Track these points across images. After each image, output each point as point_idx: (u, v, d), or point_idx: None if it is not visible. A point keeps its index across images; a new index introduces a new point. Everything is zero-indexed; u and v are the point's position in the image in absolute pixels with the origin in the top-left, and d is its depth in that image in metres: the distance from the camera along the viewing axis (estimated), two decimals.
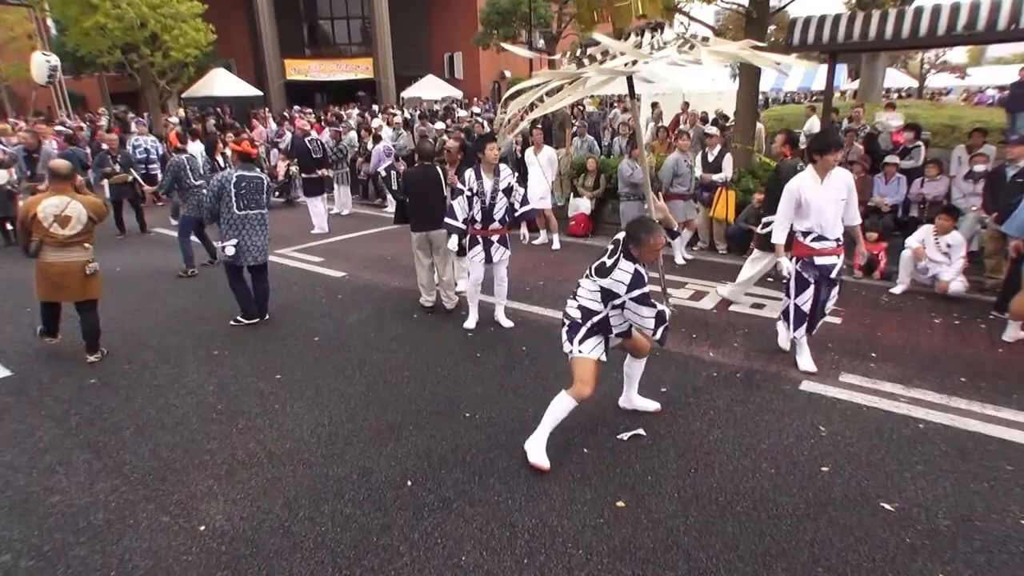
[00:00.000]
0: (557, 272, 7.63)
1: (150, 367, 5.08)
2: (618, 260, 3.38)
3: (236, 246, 5.65)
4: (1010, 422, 4.04)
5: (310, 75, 32.18)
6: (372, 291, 7.05)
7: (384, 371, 4.98)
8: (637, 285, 3.33)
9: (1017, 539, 2.99)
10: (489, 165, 5.46)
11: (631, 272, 3.34)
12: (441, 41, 34.05)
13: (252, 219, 5.72)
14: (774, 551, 2.90)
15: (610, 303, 3.46)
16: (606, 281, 3.39)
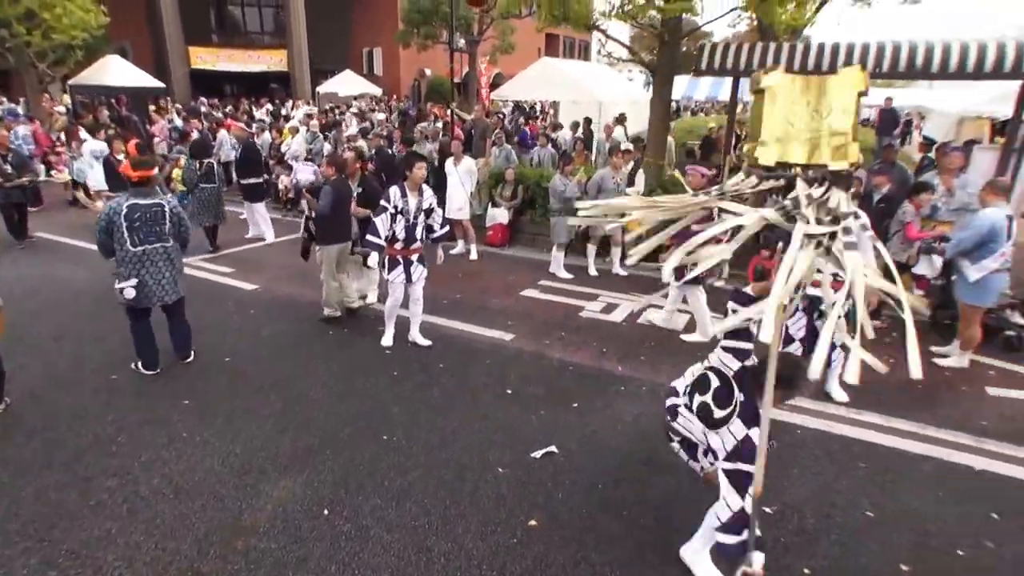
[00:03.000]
0: (475, 284, 7.70)
1: (37, 396, 4.68)
2: (731, 417, 2.76)
3: (136, 287, 4.85)
4: (871, 424, 4.56)
5: (219, 65, 30.13)
6: (287, 305, 6.84)
7: (301, 392, 4.89)
8: (742, 459, 2.73)
9: (865, 530, 3.46)
10: (415, 184, 5.44)
11: (741, 440, 2.72)
12: (360, 36, 33.12)
13: (153, 255, 4.90)
14: (673, 558, 3.17)
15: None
16: (711, 435, 2.86)
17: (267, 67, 30.93)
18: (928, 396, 5.05)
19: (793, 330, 4.95)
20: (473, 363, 5.49)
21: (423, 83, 32.60)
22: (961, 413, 4.78)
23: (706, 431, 2.86)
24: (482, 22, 21.59)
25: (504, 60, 26.28)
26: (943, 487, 3.86)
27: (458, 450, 4.13)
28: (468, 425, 4.45)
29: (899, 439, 4.39)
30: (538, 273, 8.15)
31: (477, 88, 16.58)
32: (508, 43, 23.91)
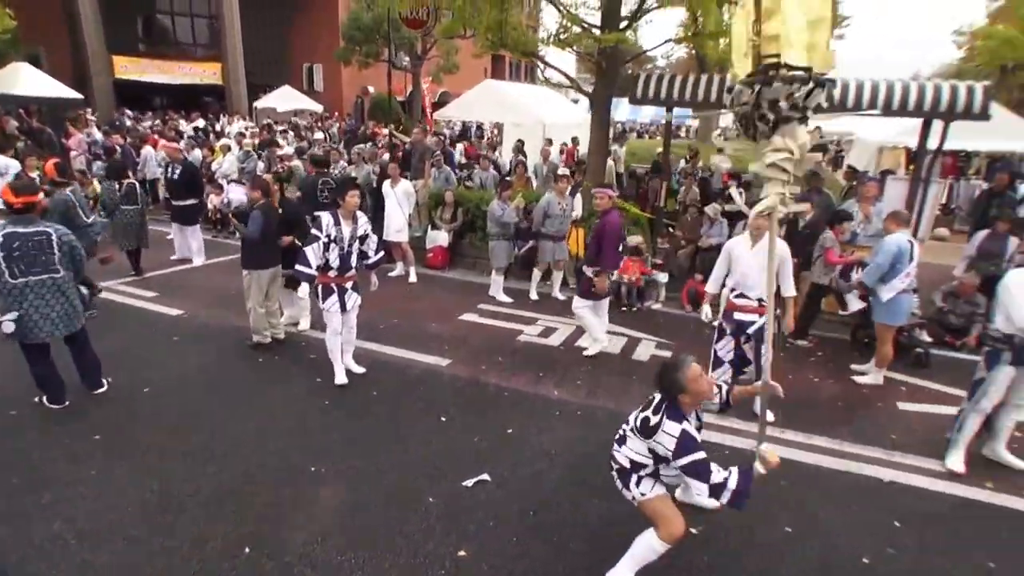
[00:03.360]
0: (412, 307, 7.62)
1: None
2: (662, 420, 2.92)
3: (17, 320, 4.44)
4: (794, 442, 4.78)
5: (146, 75, 28.49)
6: (214, 331, 6.55)
7: (226, 423, 4.70)
8: (687, 450, 2.85)
9: (783, 545, 3.63)
10: (348, 211, 5.33)
11: (676, 436, 2.86)
12: (300, 51, 32.58)
13: (38, 286, 4.49)
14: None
15: (661, 463, 3.07)
16: (652, 443, 2.98)
17: (200, 79, 29.74)
18: (846, 413, 5.35)
19: (722, 353, 5.17)
20: (408, 390, 5.43)
21: (366, 100, 32.34)
22: (875, 428, 5.07)
23: (649, 444, 3.01)
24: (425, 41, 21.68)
25: (451, 79, 26.41)
26: (855, 500, 4.08)
27: (388, 481, 4.06)
28: (400, 455, 4.39)
29: (818, 455, 4.61)
30: (478, 296, 8.17)
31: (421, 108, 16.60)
32: (452, 63, 24.09)
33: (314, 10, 31.20)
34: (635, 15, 8.85)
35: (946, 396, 5.61)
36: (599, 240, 6.15)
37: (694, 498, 3.71)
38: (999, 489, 4.26)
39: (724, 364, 5.19)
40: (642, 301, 8.04)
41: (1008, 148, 12.25)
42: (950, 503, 4.11)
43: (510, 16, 8.56)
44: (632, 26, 9.12)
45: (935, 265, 8.83)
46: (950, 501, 4.13)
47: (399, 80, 23.91)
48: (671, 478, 3.15)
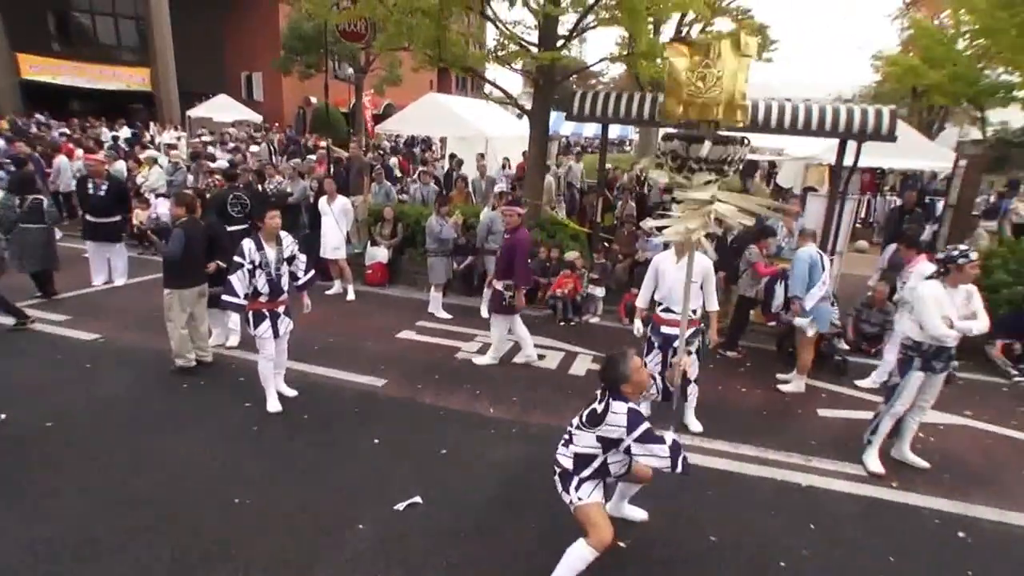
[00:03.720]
0: (349, 326, 7.48)
1: None
2: (608, 404, 3.16)
3: None
4: (721, 452, 4.95)
5: (60, 77, 26.29)
6: (133, 356, 6.18)
7: (142, 456, 4.42)
8: (637, 423, 3.10)
9: (707, 554, 3.76)
10: (271, 234, 5.19)
11: (625, 412, 3.11)
12: (238, 59, 31.48)
13: None
14: None
15: (612, 450, 3.22)
16: (603, 429, 3.15)
17: (127, 85, 27.90)
18: (771, 421, 5.59)
19: (651, 366, 5.31)
20: (341, 413, 5.31)
21: (308, 112, 31.75)
22: (796, 435, 5.32)
23: (599, 432, 3.18)
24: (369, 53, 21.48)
25: (397, 91, 26.13)
26: (775, 506, 4.27)
27: (318, 509, 3.95)
28: (330, 480, 4.30)
29: (743, 464, 4.79)
30: (417, 313, 8.11)
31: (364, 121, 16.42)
32: (396, 75, 23.88)
33: (253, 17, 30.33)
34: (572, 34, 9.02)
35: (863, 402, 5.94)
36: (510, 257, 6.28)
37: (623, 510, 3.95)
38: (902, 487, 4.56)
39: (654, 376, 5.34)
40: (580, 315, 8.18)
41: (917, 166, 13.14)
42: (860, 503, 4.37)
43: (448, 32, 8.58)
44: (567, 45, 9.30)
45: (855, 276, 9.36)
46: (860, 502, 4.38)
47: (343, 91, 23.58)
48: (617, 464, 3.31)
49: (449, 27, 8.73)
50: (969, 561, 3.78)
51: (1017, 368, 6.79)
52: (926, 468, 4.79)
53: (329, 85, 13.28)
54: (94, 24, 29.11)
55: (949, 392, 5.12)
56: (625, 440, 3.10)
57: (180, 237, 5.62)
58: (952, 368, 4.71)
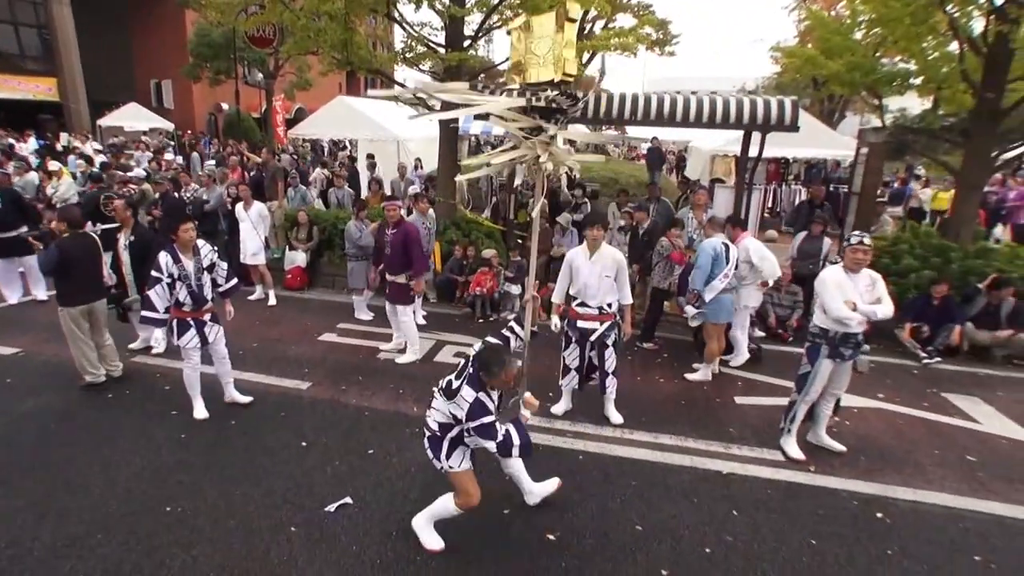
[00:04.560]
0: (272, 331, 7.38)
1: None
2: (462, 385, 3.29)
3: None
4: (641, 443, 5.00)
5: None
6: (55, 370, 6.00)
7: (67, 471, 4.33)
8: (477, 415, 3.25)
9: (633, 543, 3.77)
10: (186, 245, 5.04)
11: (470, 401, 3.25)
12: (146, 66, 30.46)
13: None
14: None
15: (460, 424, 3.38)
16: (451, 405, 3.34)
17: (32, 95, 26.60)
18: (689, 410, 5.68)
19: (569, 361, 5.34)
20: (267, 416, 5.25)
21: (220, 118, 30.63)
22: (715, 423, 5.42)
23: (450, 406, 3.35)
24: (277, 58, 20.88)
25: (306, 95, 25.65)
26: (697, 493, 4.33)
27: (248, 514, 3.90)
28: (260, 485, 4.24)
29: (664, 453, 4.85)
30: (338, 315, 7.98)
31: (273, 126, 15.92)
32: (306, 79, 23.32)
33: (160, 25, 29.38)
34: (477, 34, 9.01)
35: (778, 388, 6.10)
36: (407, 248, 6.34)
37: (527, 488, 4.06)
38: (819, 471, 4.67)
39: (571, 371, 5.37)
40: (497, 312, 8.16)
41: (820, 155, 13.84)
42: (779, 488, 4.44)
43: (355, 35, 8.40)
44: (474, 45, 9.28)
45: None
46: (779, 486, 4.46)
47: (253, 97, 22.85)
48: (473, 440, 3.45)
49: (356, 30, 8.56)
50: (888, 541, 3.87)
51: (926, 351, 7.05)
52: (842, 451, 4.90)
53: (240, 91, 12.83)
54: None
55: (863, 376, 5.33)
56: (463, 423, 3.30)
57: (52, 253, 5.46)
58: (862, 354, 4.80)
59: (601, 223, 5.33)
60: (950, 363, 7.03)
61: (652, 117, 7.71)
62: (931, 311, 7.16)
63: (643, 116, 7.76)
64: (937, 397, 6.14)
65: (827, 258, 7.58)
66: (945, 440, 5.27)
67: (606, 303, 5.19)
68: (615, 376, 5.28)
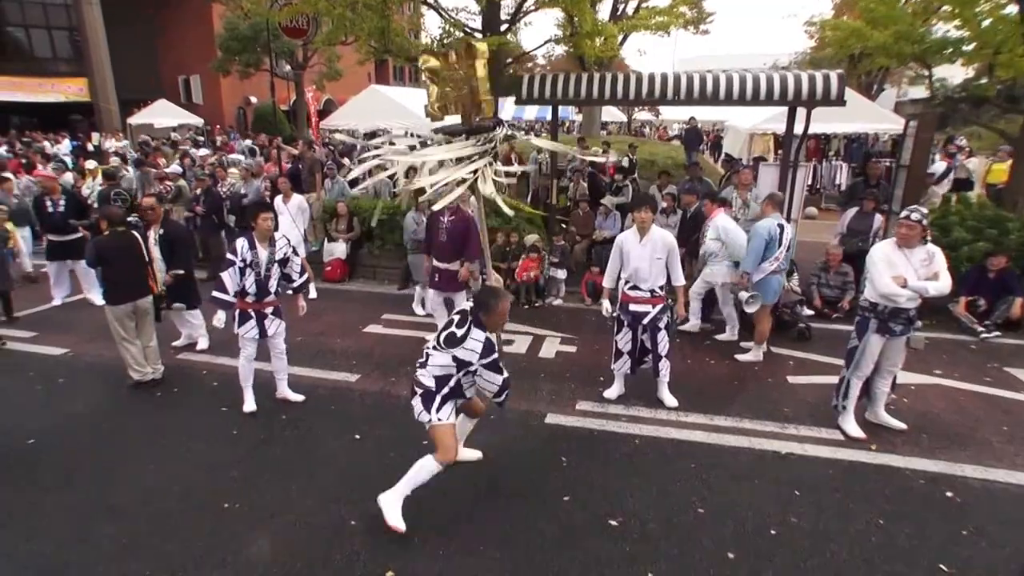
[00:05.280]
0: (315, 324, 7.32)
1: None
2: (469, 330, 3.50)
3: None
4: (697, 425, 4.97)
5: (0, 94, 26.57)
6: (103, 370, 6.05)
7: (123, 470, 4.37)
8: (489, 352, 3.52)
9: (698, 526, 3.75)
10: (264, 235, 5.06)
11: (483, 341, 3.49)
12: (174, 63, 30.83)
13: None
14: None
15: (464, 370, 3.57)
16: (458, 351, 3.50)
17: (65, 97, 27.76)
18: (741, 391, 5.63)
19: (621, 345, 5.32)
20: (318, 410, 5.25)
21: (249, 111, 30.98)
22: (769, 403, 5.37)
23: (454, 352, 3.52)
24: (307, 49, 20.98)
25: (335, 86, 25.74)
26: (757, 474, 4.29)
27: (306, 509, 3.90)
28: (315, 480, 4.23)
29: (720, 435, 4.82)
30: (381, 307, 8.01)
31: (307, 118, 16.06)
32: (335, 70, 23.40)
33: (186, 20, 29.67)
34: (514, 17, 8.95)
35: (829, 366, 6.01)
36: (466, 236, 6.31)
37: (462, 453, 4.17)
38: (881, 449, 4.60)
39: (624, 355, 5.34)
40: (543, 298, 8.15)
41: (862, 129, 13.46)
42: (840, 467, 4.39)
43: (391, 23, 8.42)
44: (512, 28, 9.23)
45: (807, 243, 9.55)
46: (840, 466, 4.41)
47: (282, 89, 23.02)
48: (469, 389, 3.75)
49: (392, 17, 8.57)
50: (962, 521, 3.79)
51: (983, 325, 6.88)
52: (903, 429, 4.83)
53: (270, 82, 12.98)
54: (29, 38, 28.79)
55: (918, 352, 5.21)
56: (474, 364, 3.50)
57: (90, 249, 5.61)
58: (914, 330, 4.71)
59: (650, 205, 5.26)
60: (1011, 337, 6.84)
61: (694, 96, 7.60)
62: (987, 284, 6.99)
63: (685, 95, 7.65)
64: (1000, 372, 5.99)
65: (878, 235, 7.39)
66: (1014, 417, 5.13)
67: (657, 286, 5.15)
68: (668, 359, 5.26)
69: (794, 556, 3.48)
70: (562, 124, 29.37)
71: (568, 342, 6.80)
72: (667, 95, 7.65)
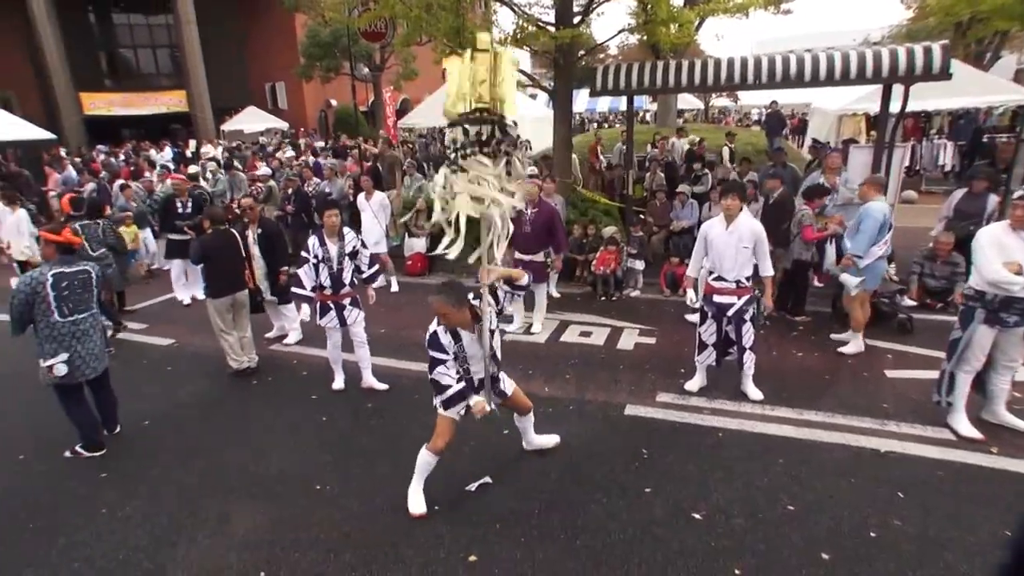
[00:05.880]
0: (397, 317, 7.61)
1: None
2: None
3: (68, 362, 4.45)
4: (785, 419, 4.77)
5: (113, 110, 29.27)
6: (205, 359, 6.49)
7: (225, 450, 4.69)
8: (430, 347, 3.65)
9: (787, 523, 3.59)
10: (332, 230, 5.35)
11: (429, 332, 3.66)
12: (261, 71, 32.63)
13: (84, 324, 4.55)
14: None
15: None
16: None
17: (167, 109, 30.18)
18: (834, 385, 5.36)
19: (705, 336, 5.18)
20: (401, 399, 5.42)
21: (330, 114, 32.20)
22: (865, 398, 5.08)
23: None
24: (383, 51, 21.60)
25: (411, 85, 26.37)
26: (853, 472, 4.06)
27: (392, 492, 4.01)
28: (400, 465, 4.29)
29: (811, 430, 4.60)
30: None
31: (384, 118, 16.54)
32: (411, 70, 23.96)
33: (271, 30, 31.25)
34: (587, 9, 8.87)
35: (933, 360, 5.57)
36: (551, 227, 6.34)
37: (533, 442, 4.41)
38: (1004, 453, 4.21)
39: (708, 347, 5.20)
40: (620, 290, 8.04)
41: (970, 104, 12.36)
42: (951, 469, 4.05)
43: (466, 21, 8.53)
44: (585, 20, 9.14)
45: (905, 228, 8.91)
46: (951, 468, 4.07)
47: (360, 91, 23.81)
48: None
49: (466, 15, 8.69)
50: None
51: None
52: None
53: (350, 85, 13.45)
54: (136, 57, 31.99)
55: None
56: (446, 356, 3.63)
57: (195, 246, 6.02)
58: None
59: (738, 192, 5.05)
60: None
61: (776, 79, 7.29)
62: None
63: (766, 78, 7.35)
64: None
65: (992, 218, 6.78)
66: None
67: (743, 276, 4.97)
68: (753, 351, 5.08)
69: (900, 562, 3.25)
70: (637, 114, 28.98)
71: (647, 334, 6.70)
72: (747, 79, 7.39)
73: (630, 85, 8.14)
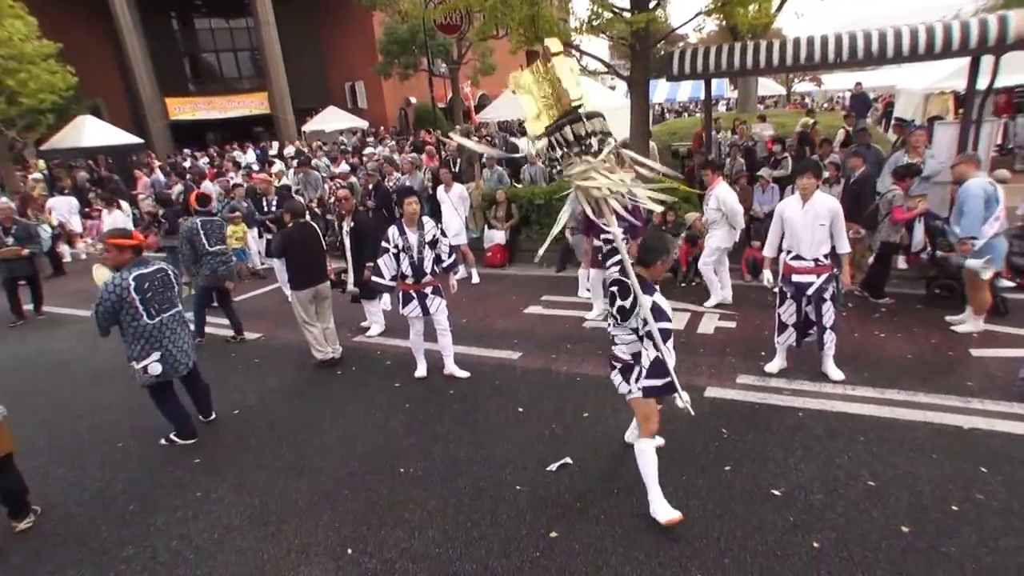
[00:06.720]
0: (478, 307, 7.82)
1: (42, 473, 4.56)
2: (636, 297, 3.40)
3: (161, 360, 4.62)
4: (866, 398, 4.79)
5: (198, 114, 29.97)
6: (290, 351, 6.77)
7: (312, 436, 4.88)
8: (659, 317, 3.42)
9: (867, 499, 3.65)
10: (411, 219, 5.43)
11: (650, 303, 3.41)
12: (340, 70, 32.97)
13: (171, 322, 4.69)
14: (688, 552, 3.31)
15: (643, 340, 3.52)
16: (631, 321, 3.50)
17: (249, 111, 30.74)
18: (916, 364, 5.32)
19: (785, 317, 5.24)
20: (482, 385, 5.59)
21: (409, 111, 32.77)
22: (948, 377, 5.03)
23: (630, 325, 3.50)
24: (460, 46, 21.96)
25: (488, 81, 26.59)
26: (935, 449, 4.08)
27: (474, 474, 4.18)
28: (482, 447, 4.52)
29: (892, 408, 4.62)
30: (540, 289, 8.32)
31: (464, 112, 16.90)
32: (488, 64, 24.12)
33: (349, 29, 31.56)
34: None
35: (1021, 339, 5.49)
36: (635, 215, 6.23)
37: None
38: None
39: (788, 328, 5.24)
40: (699, 276, 8.09)
41: None
42: None
43: (541, 9, 8.67)
44: (661, 4, 9.12)
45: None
46: None
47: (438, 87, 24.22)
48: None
49: (541, 4, 8.82)
50: None
51: None
52: None
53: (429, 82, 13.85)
54: (219, 61, 32.79)
55: None
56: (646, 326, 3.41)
57: (277, 240, 6.27)
58: None
59: (813, 171, 5.08)
60: None
61: (858, 56, 7.13)
62: None
63: (848, 56, 7.20)
64: None
65: None
66: None
67: (821, 254, 4.99)
68: (834, 331, 5.10)
69: (982, 534, 3.29)
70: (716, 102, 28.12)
71: (727, 318, 6.77)
72: (828, 58, 7.24)
73: (707, 67, 8.11)
